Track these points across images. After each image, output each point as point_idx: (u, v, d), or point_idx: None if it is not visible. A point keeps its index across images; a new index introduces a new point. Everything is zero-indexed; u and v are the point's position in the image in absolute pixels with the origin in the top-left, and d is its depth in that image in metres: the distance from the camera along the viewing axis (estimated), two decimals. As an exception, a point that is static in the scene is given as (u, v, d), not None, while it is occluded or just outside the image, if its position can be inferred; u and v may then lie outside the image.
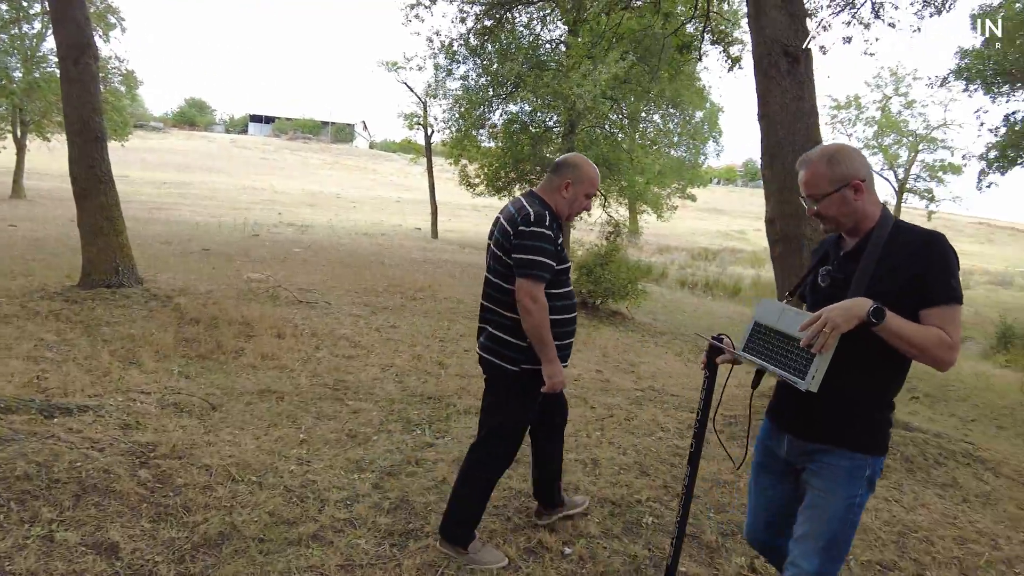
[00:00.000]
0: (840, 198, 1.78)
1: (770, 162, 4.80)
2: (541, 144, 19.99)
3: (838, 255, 1.88)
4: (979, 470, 4.24)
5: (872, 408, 1.80)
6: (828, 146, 1.85)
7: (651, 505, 3.27)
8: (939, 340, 1.63)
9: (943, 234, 1.74)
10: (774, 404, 2.02)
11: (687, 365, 6.78)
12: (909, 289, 1.69)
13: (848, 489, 1.77)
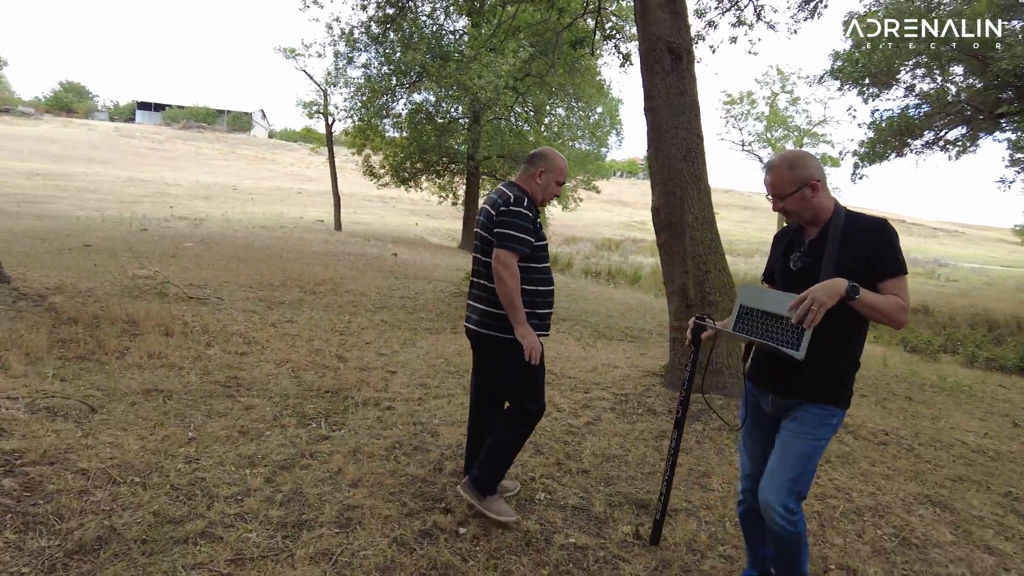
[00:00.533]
0: (800, 196, 2.18)
1: (655, 153, 5.06)
2: (447, 134, 19.94)
3: (804, 243, 2.27)
4: (841, 434, 4.66)
5: (841, 368, 2.19)
6: (789, 153, 2.24)
7: (544, 482, 3.41)
8: (897, 305, 2.05)
9: (886, 219, 2.14)
10: (755, 370, 2.39)
11: (585, 349, 7.03)
12: (866, 266, 2.09)
13: (817, 432, 2.17)
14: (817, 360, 2.11)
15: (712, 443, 4.16)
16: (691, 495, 3.43)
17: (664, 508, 2.71)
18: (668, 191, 4.95)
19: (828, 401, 2.17)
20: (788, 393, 2.22)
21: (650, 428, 4.30)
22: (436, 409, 4.42)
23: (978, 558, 3.15)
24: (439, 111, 20.20)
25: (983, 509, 3.79)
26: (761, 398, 2.35)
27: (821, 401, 2.17)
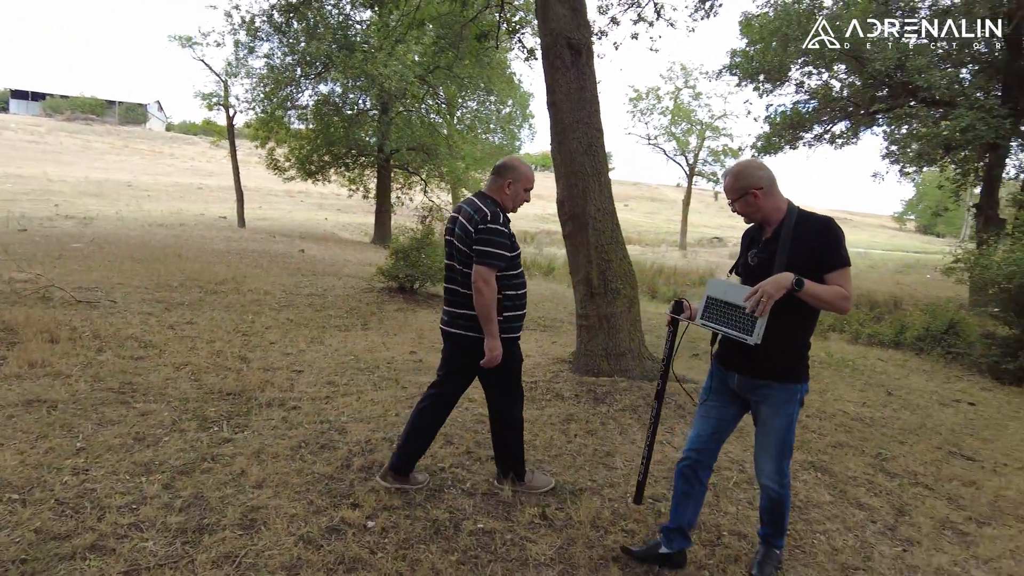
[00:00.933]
0: (744, 201, 2.53)
1: (558, 147, 5.20)
2: (355, 126, 19.50)
3: (761, 240, 2.57)
4: (734, 410, 4.99)
5: (796, 350, 2.52)
6: (738, 164, 2.60)
7: (454, 471, 3.46)
8: (839, 295, 2.34)
9: (832, 218, 2.44)
10: (721, 353, 2.68)
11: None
12: (814, 261, 2.38)
13: (787, 409, 2.52)
14: (776, 344, 2.41)
15: (616, 424, 4.35)
16: (595, 474, 3.58)
17: (646, 470, 2.98)
18: (571, 184, 5.10)
19: (790, 379, 2.51)
20: (754, 374, 2.53)
21: (557, 413, 4.44)
22: (344, 407, 4.38)
23: (851, 513, 3.47)
24: (346, 102, 19.72)
25: (857, 470, 4.16)
26: (728, 378, 2.64)
27: (785, 381, 2.50)
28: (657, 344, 8.41)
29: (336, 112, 19.36)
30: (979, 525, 3.58)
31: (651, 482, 3.54)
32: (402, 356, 5.88)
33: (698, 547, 2.93)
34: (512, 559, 2.71)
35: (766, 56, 18.00)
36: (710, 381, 2.74)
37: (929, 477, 4.27)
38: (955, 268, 10.87)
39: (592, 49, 5.47)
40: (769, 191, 2.51)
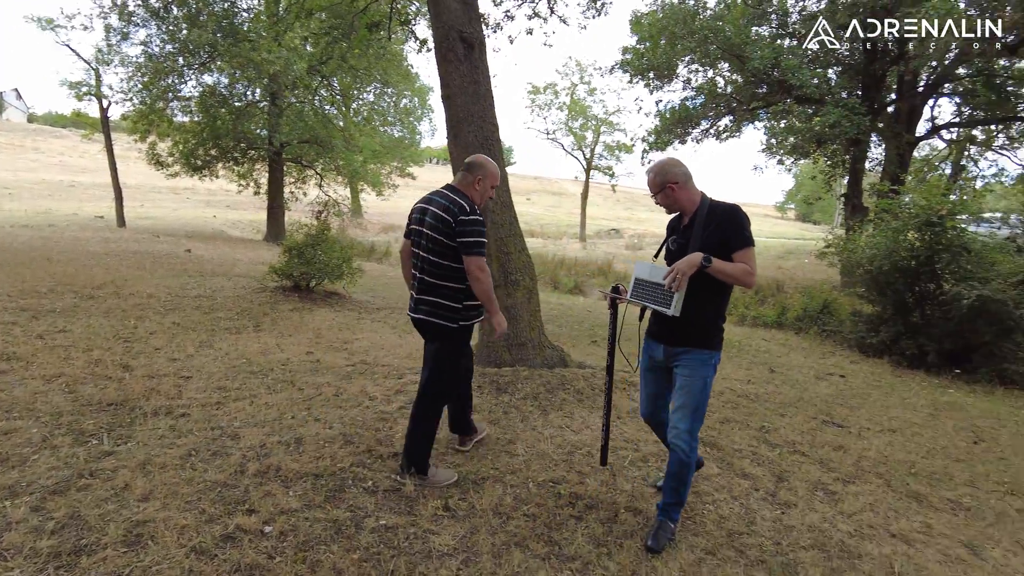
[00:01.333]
0: (664, 194, 2.92)
1: (455, 140, 5.20)
2: (244, 119, 18.56)
3: (680, 227, 2.96)
4: (632, 392, 5.20)
5: (710, 320, 2.87)
6: (658, 162, 2.97)
7: (355, 470, 3.40)
8: (745, 270, 2.72)
9: (738, 206, 2.82)
10: (651, 327, 3.06)
11: (402, 337, 7.05)
12: (723, 242, 2.75)
13: (703, 372, 2.86)
14: (692, 315, 2.81)
15: (518, 412, 4.43)
16: (498, 463, 3.64)
17: (606, 435, 3.42)
18: (468, 177, 5.12)
19: (705, 347, 2.87)
20: (675, 343, 2.91)
21: (460, 406, 4.46)
22: (237, 412, 4.20)
23: (736, 483, 3.72)
24: (234, 94, 18.75)
25: (742, 443, 4.46)
26: (655, 349, 3.02)
27: (700, 347, 2.87)
28: (558, 333, 8.63)
29: (223, 104, 18.36)
30: (845, 484, 3.94)
31: (551, 466, 3.65)
32: (298, 357, 5.71)
33: (595, 524, 3.04)
34: (416, 552, 2.71)
35: (655, 53, 18.73)
36: (643, 355, 3.16)
37: (805, 445, 4.65)
38: (827, 253, 11.81)
39: (485, 43, 5.51)
40: (684, 184, 2.90)
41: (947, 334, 8.41)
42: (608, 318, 3.36)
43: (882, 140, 17.72)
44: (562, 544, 2.87)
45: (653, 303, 2.88)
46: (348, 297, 9.37)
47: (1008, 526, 3.62)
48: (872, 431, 5.37)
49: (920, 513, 3.64)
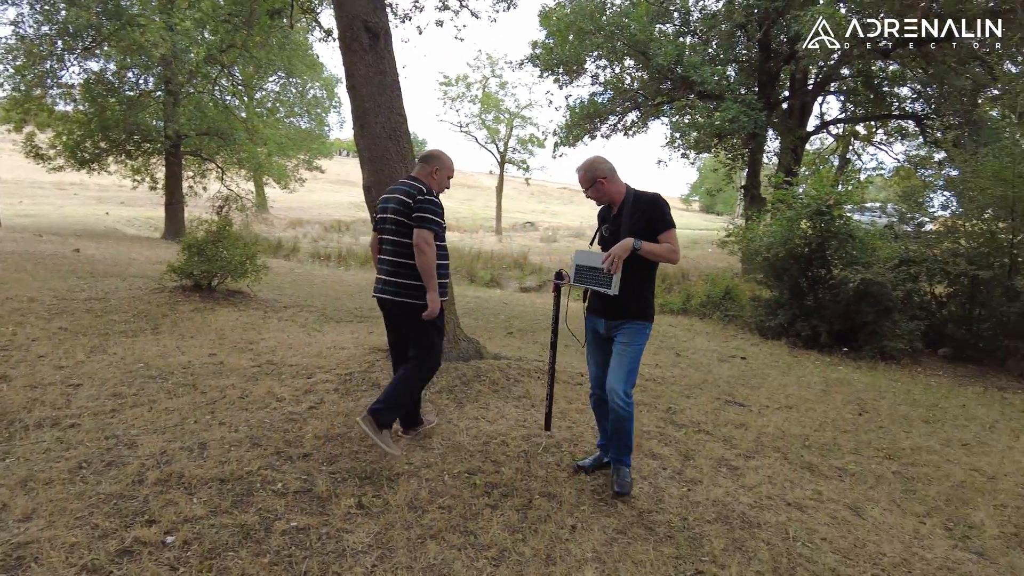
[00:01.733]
0: (594, 188, 3.33)
1: (361, 132, 5.09)
2: (137, 109, 17.39)
3: (610, 217, 3.34)
4: (543, 378, 5.28)
5: (643, 295, 3.28)
6: (587, 159, 3.34)
7: (263, 473, 3.29)
8: (669, 249, 3.19)
9: (659, 194, 3.27)
10: (592, 305, 3.44)
11: (311, 335, 6.85)
12: (648, 227, 3.20)
13: (638, 339, 3.27)
14: (628, 292, 3.22)
15: (433, 406, 4.41)
16: (412, 457, 3.61)
17: (550, 403, 3.89)
18: (377, 169, 5.03)
19: (640, 318, 3.28)
20: (614, 316, 3.31)
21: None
22: (134, 419, 3.96)
23: (645, 463, 3.86)
24: (124, 81, 17.54)
25: (651, 425, 4.63)
26: (597, 324, 3.42)
27: (636, 319, 3.28)
28: (475, 326, 8.64)
29: (112, 92, 17.14)
30: (746, 459, 4.17)
31: (467, 457, 3.66)
32: (200, 359, 5.44)
33: (510, 511, 3.08)
34: (329, 552, 2.65)
35: (564, 49, 19.01)
36: (586, 332, 3.53)
37: (709, 424, 4.88)
38: (728, 242, 12.41)
39: (390, 33, 5.41)
40: (611, 178, 3.32)
41: (836, 315, 9.05)
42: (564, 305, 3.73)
43: (777, 134, 18.80)
44: (478, 533, 2.88)
45: (595, 285, 3.28)
46: (253, 296, 8.99)
47: (886, 488, 3.95)
48: (771, 408, 5.71)
49: (812, 482, 3.90)
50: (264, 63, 19.23)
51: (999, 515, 3.69)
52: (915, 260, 9.23)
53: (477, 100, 39.39)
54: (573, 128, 20.85)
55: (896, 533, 3.28)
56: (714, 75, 16.27)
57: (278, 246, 20.67)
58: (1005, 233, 8.62)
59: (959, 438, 5.25)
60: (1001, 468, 4.56)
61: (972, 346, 8.77)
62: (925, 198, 11.11)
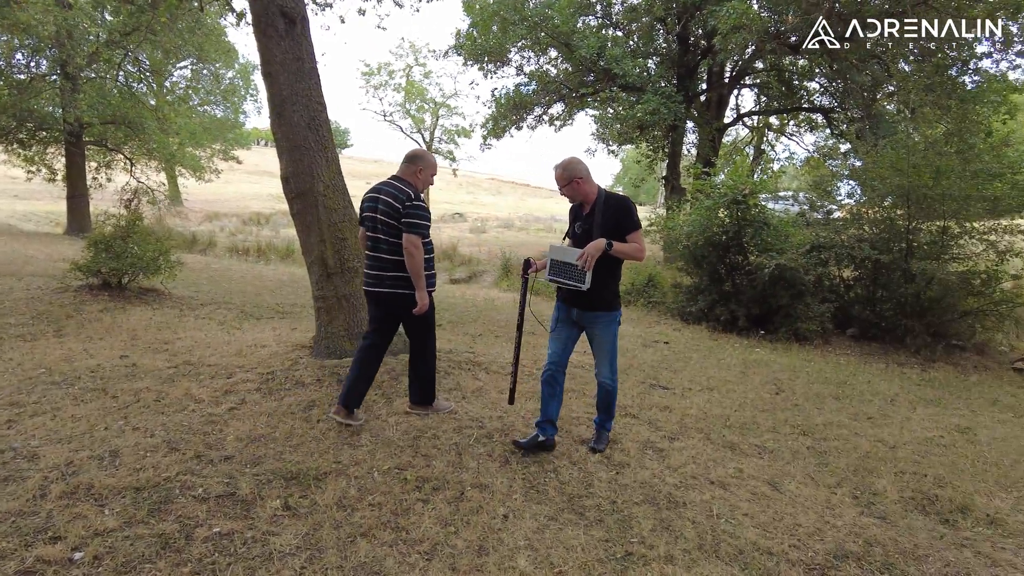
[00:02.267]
0: (571, 187, 3.60)
1: (278, 120, 4.89)
2: (29, 94, 16.10)
3: (582, 215, 3.65)
4: (477, 372, 5.28)
5: (611, 289, 3.64)
6: (564, 160, 3.61)
7: (182, 478, 3.14)
8: (636, 248, 3.52)
9: (627, 196, 3.62)
10: (565, 296, 3.70)
11: (230, 333, 6.56)
12: (618, 227, 3.51)
13: (612, 328, 3.72)
14: (599, 287, 3.52)
15: (364, 402, 4.31)
16: (340, 455, 3.53)
17: (514, 378, 4.00)
18: (296, 159, 4.86)
19: (611, 309, 3.67)
20: (588, 308, 3.64)
21: (298, 401, 4.26)
22: (35, 429, 3.69)
23: (575, 449, 3.92)
24: (12, 64, 16.20)
25: (579, 411, 4.70)
26: (570, 311, 3.71)
27: (608, 310, 3.66)
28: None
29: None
30: (671, 441, 4.30)
31: (397, 452, 3.61)
32: (111, 362, 5.12)
33: (442, 505, 3.07)
34: (254, 556, 2.56)
35: (488, 38, 18.94)
36: (557, 314, 3.81)
37: (635, 408, 5.01)
38: (650, 231, 12.73)
39: (307, 18, 5.23)
40: (587, 179, 3.60)
41: (753, 300, 9.46)
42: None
43: (696, 126, 19.41)
44: (409, 529, 2.86)
45: (568, 280, 3.55)
46: (168, 293, 8.54)
47: (801, 463, 4.16)
48: (693, 391, 5.91)
49: (734, 460, 4.07)
50: (173, 48, 18.19)
51: (899, 481, 3.97)
52: (825, 246, 9.75)
53: (401, 89, 38.78)
54: (500, 119, 20.82)
55: (811, 504, 3.47)
56: (635, 68, 16.61)
57: (193, 241, 19.73)
58: (902, 220, 9.22)
59: (865, 412, 5.60)
60: (901, 438, 4.90)
61: (875, 326, 9.36)
62: (833, 187, 11.74)
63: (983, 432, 5.33)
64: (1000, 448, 4.86)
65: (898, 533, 3.22)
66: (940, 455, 4.56)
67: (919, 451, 4.61)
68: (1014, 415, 6.17)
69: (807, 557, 2.90)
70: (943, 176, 8.50)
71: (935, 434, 5.11)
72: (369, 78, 38.24)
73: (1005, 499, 3.80)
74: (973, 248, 9.02)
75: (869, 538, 3.11)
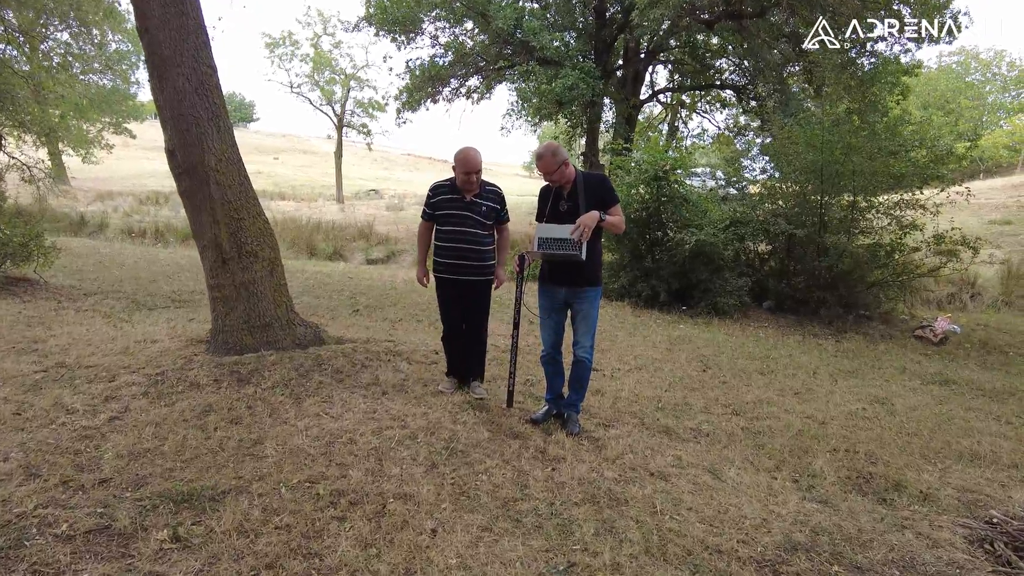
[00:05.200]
0: (560, 171, 3.73)
1: (160, 84, 4.25)
2: None
3: (563, 195, 3.82)
4: (397, 363, 4.87)
5: (598, 263, 3.85)
6: (550, 145, 3.75)
7: (42, 513, 2.61)
8: (621, 220, 3.79)
9: (604, 174, 4.27)
10: (552, 276, 3.89)
11: (117, 327, 5.82)
12: (601, 201, 3.72)
13: (595, 303, 3.88)
14: (590, 260, 3.69)
15: (265, 405, 3.84)
16: (241, 470, 3.08)
17: (513, 380, 4.22)
18: (182, 129, 4.25)
19: (597, 283, 3.87)
20: (575, 284, 3.80)
21: (192, 406, 3.73)
22: None
23: (507, 445, 3.63)
24: None
25: (503, 395, 4.40)
26: (558, 292, 3.88)
27: (595, 285, 3.85)
28: (315, 305, 7.97)
29: None
30: (606, 428, 4.09)
31: (307, 463, 3.19)
32: (-33, 365, 4.38)
33: (361, 522, 2.70)
34: (130, 608, 2.12)
35: (399, 7, 18.12)
36: (542, 301, 3.99)
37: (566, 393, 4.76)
38: (571, 207, 12.56)
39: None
40: (568, 161, 3.77)
41: (673, 275, 9.48)
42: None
43: (613, 102, 19.39)
44: (324, 554, 2.48)
45: (563, 252, 3.62)
46: (43, 283, 7.59)
47: (738, 446, 4.06)
48: (623, 371, 5.76)
49: (671, 447, 3.90)
50: (43, 6, 16.30)
51: (834, 460, 3.93)
52: (742, 221, 9.87)
53: (308, 59, 36.88)
54: (415, 91, 20.08)
55: (753, 492, 3.33)
56: (553, 41, 16.31)
57: (82, 223, 18.08)
58: (814, 195, 9.44)
59: (791, 387, 5.63)
60: (828, 413, 4.91)
61: (790, 298, 9.60)
62: (746, 163, 11.95)
63: (899, 402, 5.46)
64: (916, 418, 4.96)
65: (841, 518, 3.13)
66: (866, 429, 4.59)
67: (847, 425, 4.63)
68: (921, 382, 6.41)
69: (756, 553, 2.73)
70: (854, 152, 8.72)
71: (858, 407, 5.17)
72: (273, 48, 36.09)
73: (932, 472, 3.83)
74: (879, 222, 9.35)
75: (815, 526, 2.99)
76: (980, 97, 43.56)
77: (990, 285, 13.11)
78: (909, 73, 15.30)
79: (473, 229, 4.12)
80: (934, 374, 6.75)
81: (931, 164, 8.91)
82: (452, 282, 4.22)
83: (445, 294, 4.31)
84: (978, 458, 4.17)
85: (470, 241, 4.13)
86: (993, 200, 20.39)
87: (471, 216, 4.11)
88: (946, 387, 6.29)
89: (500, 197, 4.28)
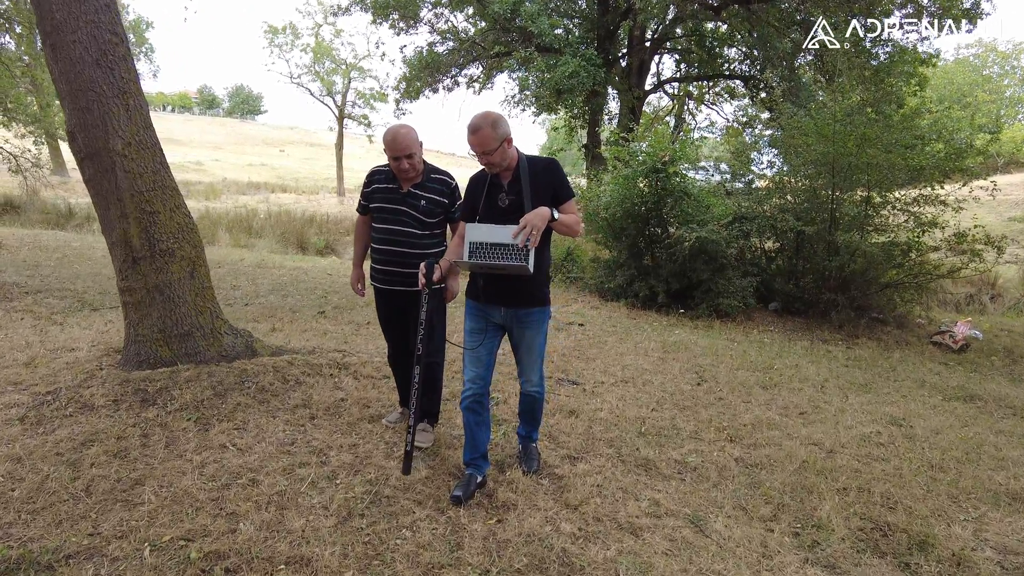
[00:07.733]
0: (501, 150, 2.72)
1: (54, 54, 3.63)
2: None
3: (504, 186, 2.84)
4: (341, 378, 4.27)
5: (546, 275, 2.98)
6: (488, 114, 2.69)
7: None
8: (577, 220, 2.83)
9: (554, 158, 2.88)
10: (487, 292, 2.91)
11: (42, 332, 5.21)
12: (552, 195, 2.79)
13: (543, 327, 3.00)
14: (537, 272, 2.77)
15: (164, 432, 3.23)
16: (102, 523, 2.47)
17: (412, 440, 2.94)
18: (81, 107, 3.63)
19: (545, 303, 2.98)
20: (521, 304, 2.90)
21: (74, 434, 3.13)
22: None
23: (445, 487, 3.01)
24: None
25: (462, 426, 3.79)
26: (492, 312, 2.95)
27: (543, 305, 2.97)
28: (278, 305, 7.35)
29: None
30: (573, 463, 3.47)
31: (190, 513, 2.59)
32: None
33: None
34: None
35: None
36: (473, 324, 3.00)
37: (536, 416, 4.14)
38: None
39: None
40: (512, 139, 2.78)
41: (673, 274, 8.81)
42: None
43: (617, 92, 18.67)
44: (167, 655, 1.87)
45: (506, 261, 2.67)
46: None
47: (729, 484, 3.41)
48: (606, 384, 5.13)
49: (648, 486, 3.27)
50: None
51: (843, 504, 3.28)
52: (747, 217, 9.20)
53: (309, 49, 36.32)
54: (413, 80, 19.48)
55: (743, 553, 2.69)
56: (553, 27, 15.63)
57: (69, 214, 17.63)
58: (826, 189, 8.75)
59: (796, 405, 4.97)
60: (837, 438, 4.26)
61: (798, 299, 8.93)
62: (754, 156, 11.26)
63: (918, 423, 4.80)
64: (940, 446, 4.30)
65: (852, 591, 2.49)
66: (882, 460, 3.94)
67: (859, 455, 3.97)
68: (943, 398, 5.74)
69: (742, 648, 2.11)
70: (868, 144, 8.02)
71: (872, 430, 4.51)
72: (273, 37, 35.55)
73: (965, 524, 3.17)
74: (895, 219, 8.66)
75: (819, 606, 2.36)
76: (998, 91, 42.47)
77: (1011, 286, 12.38)
78: (926, 63, 14.53)
79: (409, 228, 3.31)
80: (956, 388, 6.07)
81: (952, 157, 8.20)
82: (386, 293, 3.47)
83: (381, 307, 3.58)
84: (1017, 500, 3.51)
85: (403, 244, 3.32)
86: (1012, 196, 19.58)
87: (407, 212, 3.31)
88: (971, 404, 5.62)
89: (450, 189, 3.39)
